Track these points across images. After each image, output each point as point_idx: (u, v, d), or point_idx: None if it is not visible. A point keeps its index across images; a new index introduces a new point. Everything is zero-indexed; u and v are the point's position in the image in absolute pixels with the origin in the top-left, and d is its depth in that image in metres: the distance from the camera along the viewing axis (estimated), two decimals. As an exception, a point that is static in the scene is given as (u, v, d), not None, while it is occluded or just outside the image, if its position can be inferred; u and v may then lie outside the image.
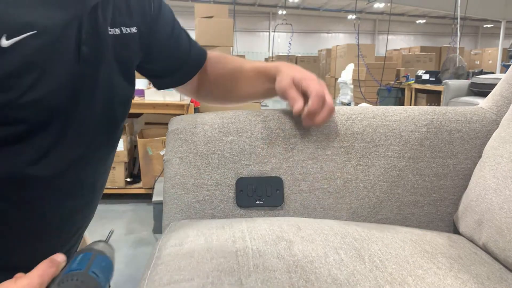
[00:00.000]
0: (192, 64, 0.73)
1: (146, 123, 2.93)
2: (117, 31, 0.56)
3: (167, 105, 2.47)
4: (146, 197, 2.48)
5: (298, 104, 0.60)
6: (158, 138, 2.51)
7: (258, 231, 0.52)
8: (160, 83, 0.74)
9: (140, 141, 2.49)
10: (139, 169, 2.60)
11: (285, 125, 0.67)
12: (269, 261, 0.44)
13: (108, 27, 0.54)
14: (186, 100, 2.52)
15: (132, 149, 2.69)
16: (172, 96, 2.48)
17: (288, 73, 0.64)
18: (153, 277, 0.45)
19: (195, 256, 0.46)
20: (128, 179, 2.62)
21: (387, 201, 0.67)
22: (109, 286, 0.77)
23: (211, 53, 0.76)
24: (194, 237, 0.51)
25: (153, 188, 2.50)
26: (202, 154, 0.65)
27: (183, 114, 2.72)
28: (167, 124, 2.72)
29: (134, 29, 0.60)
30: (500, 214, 0.53)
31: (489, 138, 0.66)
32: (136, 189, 2.56)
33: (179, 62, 0.71)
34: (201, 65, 0.73)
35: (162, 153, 2.52)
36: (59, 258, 0.39)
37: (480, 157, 0.66)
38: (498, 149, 0.59)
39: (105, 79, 0.55)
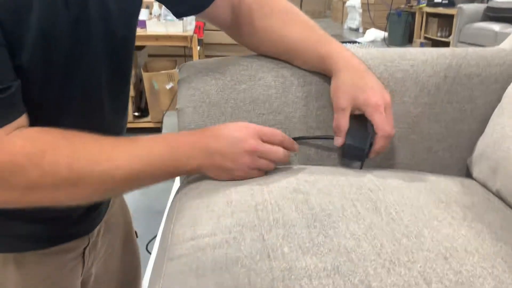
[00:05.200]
0: None
1: (150, 55, 2.87)
2: None
3: (170, 37, 2.40)
4: (155, 131, 2.51)
5: (339, 140, 0.59)
6: (163, 71, 2.48)
7: (275, 183, 0.53)
8: (176, 10, 0.65)
9: (145, 75, 2.46)
10: (146, 103, 2.59)
11: (299, 72, 0.65)
12: (288, 215, 0.46)
13: None
14: (190, 31, 2.44)
15: (138, 83, 2.66)
16: (175, 26, 2.40)
17: (347, 87, 0.58)
18: (177, 230, 0.47)
19: (216, 210, 0.48)
20: (136, 113, 2.62)
21: (401, 147, 0.68)
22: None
23: None
24: (213, 189, 0.52)
25: (162, 122, 2.52)
26: (215, 103, 0.64)
27: (186, 46, 2.63)
28: (171, 56, 2.65)
29: None
30: (516, 163, 0.53)
31: (510, 82, 0.64)
32: (145, 123, 2.58)
33: None
34: None
35: (168, 87, 2.50)
36: None
37: (499, 101, 0.64)
38: (520, 96, 0.58)
39: (100, 26, 0.50)
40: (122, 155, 0.47)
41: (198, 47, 2.45)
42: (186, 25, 2.44)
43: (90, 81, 0.53)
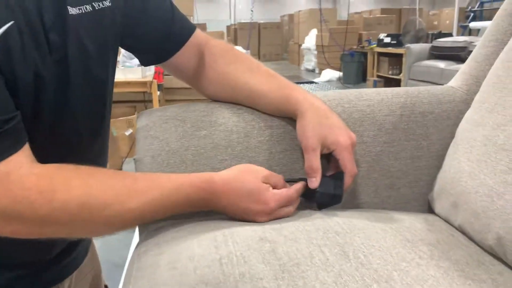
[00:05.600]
0: (174, 38, 0.65)
1: (108, 102, 2.83)
2: (88, 8, 0.52)
3: (128, 83, 2.38)
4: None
5: (314, 182, 0.58)
6: (122, 118, 2.44)
7: (240, 232, 0.51)
8: (143, 59, 0.69)
9: (103, 123, 2.40)
10: (104, 151, 2.52)
11: (260, 116, 0.65)
12: (255, 268, 0.44)
13: (69, 7, 0.50)
14: (149, 76, 2.44)
15: (96, 131, 2.60)
16: (133, 73, 2.39)
17: (315, 127, 0.58)
18: (136, 292, 0.44)
19: (178, 267, 0.45)
20: (94, 162, 2.54)
21: (364, 186, 0.68)
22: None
23: (214, 42, 0.68)
24: (174, 244, 0.50)
25: (121, 169, 2.45)
26: (175, 151, 0.62)
27: (146, 92, 2.62)
28: (130, 102, 2.62)
29: (107, 2, 0.55)
30: (475, 198, 0.54)
31: (461, 118, 0.67)
32: (103, 171, 2.49)
33: (159, 36, 0.64)
34: (184, 41, 0.65)
35: (127, 133, 2.45)
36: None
37: (452, 137, 0.66)
38: (471, 132, 0.60)
39: (79, 66, 0.52)
40: (136, 199, 0.47)
41: (158, 92, 2.44)
42: (145, 71, 2.44)
43: (74, 121, 0.55)
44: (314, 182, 0.58)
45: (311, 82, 6.45)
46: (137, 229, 0.62)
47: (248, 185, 0.53)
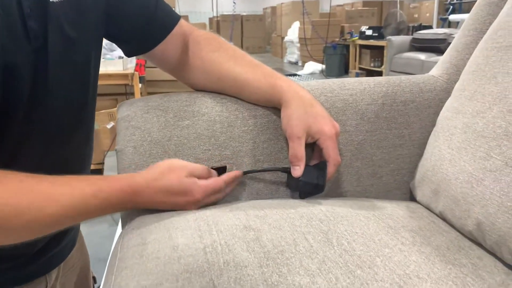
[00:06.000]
0: (158, 27, 0.64)
1: (89, 95, 2.77)
2: None
3: (109, 75, 2.34)
4: (96, 173, 2.39)
5: (297, 171, 0.58)
6: (103, 111, 2.40)
7: (224, 221, 0.51)
8: (127, 49, 0.67)
9: (84, 116, 2.36)
10: (86, 145, 2.48)
11: (243, 105, 0.65)
12: (239, 256, 0.43)
13: None
14: (130, 69, 2.40)
15: (76, 124, 2.55)
16: (114, 65, 2.35)
17: (300, 116, 0.58)
18: (119, 283, 0.43)
19: (161, 257, 0.44)
20: (75, 156, 2.50)
21: (346, 174, 0.68)
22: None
23: (198, 32, 0.67)
24: (158, 233, 0.49)
25: (103, 163, 2.41)
26: (157, 141, 0.61)
27: (127, 84, 2.58)
28: (111, 95, 2.58)
29: None
30: (455, 184, 0.55)
31: (442, 106, 0.67)
32: (85, 165, 2.45)
33: (142, 23, 0.62)
34: (169, 30, 0.64)
35: (109, 126, 2.41)
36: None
37: (433, 126, 0.67)
38: (452, 120, 0.61)
39: (59, 54, 0.51)
40: (54, 204, 0.45)
41: (140, 85, 2.41)
42: (127, 63, 2.41)
43: (54, 110, 0.53)
44: (298, 171, 0.59)
45: (294, 75, 6.46)
46: (120, 220, 0.62)
47: (172, 182, 0.53)
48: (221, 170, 0.62)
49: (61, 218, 0.46)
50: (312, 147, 0.62)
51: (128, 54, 0.69)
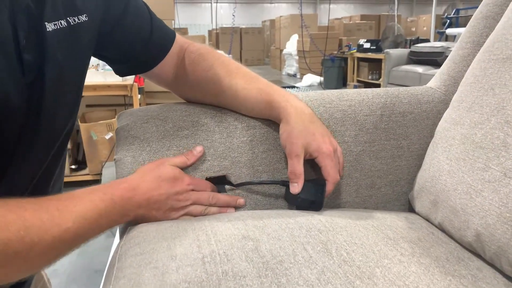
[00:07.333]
0: (154, 49, 0.63)
1: (88, 106, 2.78)
2: (63, 23, 0.49)
3: (108, 86, 2.35)
4: (94, 184, 2.38)
5: (296, 188, 0.59)
6: (102, 121, 2.40)
7: (223, 231, 0.50)
8: (120, 70, 0.65)
9: (83, 126, 2.36)
10: (83, 155, 2.48)
11: (242, 117, 0.65)
12: (238, 266, 0.43)
13: (46, 23, 0.46)
14: (129, 80, 2.41)
15: (75, 134, 2.55)
16: (113, 76, 2.36)
17: (299, 133, 0.58)
18: (116, 293, 0.42)
19: (160, 267, 0.44)
20: (73, 166, 2.49)
21: (345, 185, 0.68)
22: None
23: (193, 47, 0.66)
24: (156, 243, 0.49)
25: (101, 174, 2.40)
26: (157, 151, 0.61)
27: (127, 95, 2.59)
28: (110, 106, 2.59)
29: (84, 17, 0.51)
30: (454, 195, 0.55)
31: (440, 118, 0.68)
32: (83, 176, 2.45)
33: (138, 47, 0.61)
34: (165, 52, 0.64)
35: (107, 137, 2.41)
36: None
37: (432, 137, 0.68)
38: (450, 131, 0.61)
39: (54, 88, 0.49)
40: (69, 217, 0.45)
41: (139, 96, 2.42)
42: (126, 74, 2.41)
43: (43, 137, 0.51)
44: (296, 188, 0.59)
45: (293, 87, 6.49)
46: (117, 232, 0.61)
47: (162, 170, 0.56)
48: (219, 180, 0.62)
49: (78, 230, 0.46)
50: (311, 162, 0.62)
51: (120, 74, 0.67)
